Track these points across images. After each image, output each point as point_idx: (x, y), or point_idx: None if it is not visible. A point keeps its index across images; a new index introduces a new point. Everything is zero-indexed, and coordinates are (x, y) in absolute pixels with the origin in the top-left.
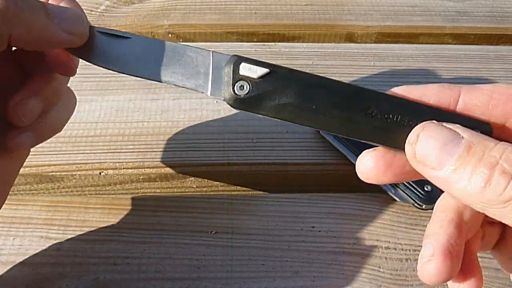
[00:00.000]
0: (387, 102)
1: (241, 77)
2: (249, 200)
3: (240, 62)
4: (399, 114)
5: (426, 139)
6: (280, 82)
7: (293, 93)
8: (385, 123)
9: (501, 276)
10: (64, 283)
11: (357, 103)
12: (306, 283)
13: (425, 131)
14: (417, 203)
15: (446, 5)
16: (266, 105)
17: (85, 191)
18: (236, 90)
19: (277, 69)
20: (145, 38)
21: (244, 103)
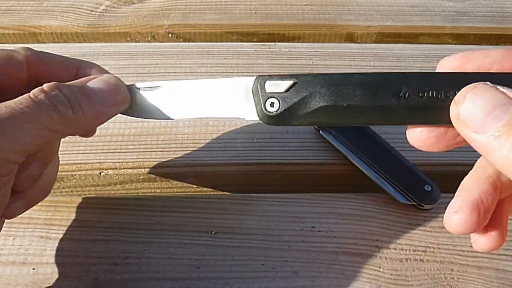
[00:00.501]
0: (418, 80)
1: (269, 95)
2: (249, 200)
3: (265, 81)
4: (434, 89)
5: (474, 99)
6: (306, 89)
7: (321, 97)
8: (421, 102)
9: (501, 276)
10: (64, 283)
11: (387, 89)
12: (306, 283)
13: (475, 91)
14: (417, 203)
15: (446, 5)
16: (298, 115)
17: (85, 191)
18: (267, 108)
19: (301, 78)
20: (174, 83)
21: (278, 119)
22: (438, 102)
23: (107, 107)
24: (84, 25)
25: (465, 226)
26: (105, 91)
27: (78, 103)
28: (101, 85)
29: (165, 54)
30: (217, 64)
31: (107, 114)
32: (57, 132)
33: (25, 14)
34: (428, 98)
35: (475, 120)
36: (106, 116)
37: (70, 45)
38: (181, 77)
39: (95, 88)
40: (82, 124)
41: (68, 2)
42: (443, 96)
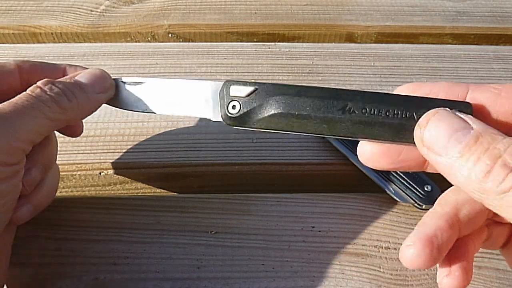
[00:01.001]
0: (362, 98)
1: (232, 98)
2: (249, 200)
3: (230, 85)
4: (375, 107)
5: (437, 124)
6: (265, 96)
7: (276, 105)
8: (363, 117)
9: (501, 276)
10: (64, 283)
11: (335, 103)
12: (306, 283)
13: (437, 117)
14: (417, 203)
15: (446, 5)
16: (255, 119)
17: (85, 191)
18: (229, 110)
19: (262, 85)
20: (156, 80)
21: (237, 120)
22: (378, 119)
23: (97, 93)
24: (84, 25)
25: (418, 261)
26: (93, 79)
27: (71, 92)
28: (89, 75)
29: (165, 54)
30: (217, 64)
31: (98, 100)
32: (56, 120)
33: (25, 14)
34: (370, 114)
35: (438, 143)
36: (97, 101)
37: (70, 45)
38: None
39: (84, 79)
40: (77, 110)
41: (68, 2)
42: (383, 113)
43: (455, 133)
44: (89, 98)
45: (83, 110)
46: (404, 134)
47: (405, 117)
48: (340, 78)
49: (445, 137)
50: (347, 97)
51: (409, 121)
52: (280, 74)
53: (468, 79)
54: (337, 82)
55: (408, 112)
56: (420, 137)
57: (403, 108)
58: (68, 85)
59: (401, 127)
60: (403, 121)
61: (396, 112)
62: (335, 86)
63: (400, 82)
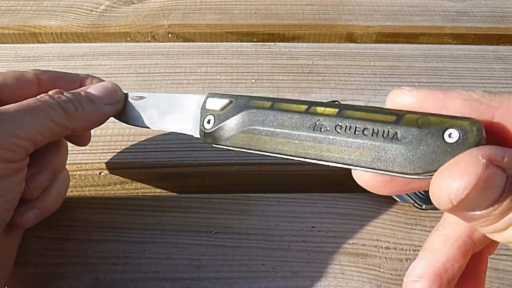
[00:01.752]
0: (339, 112)
1: (208, 112)
2: (249, 200)
3: (208, 98)
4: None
5: (477, 194)
6: (238, 110)
7: (246, 119)
8: (336, 136)
9: (501, 276)
10: (64, 283)
11: (306, 120)
12: (306, 283)
13: (480, 184)
14: (417, 203)
15: (446, 5)
16: (228, 135)
17: (85, 191)
18: (204, 125)
19: (237, 98)
20: (153, 95)
21: (211, 136)
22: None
23: (105, 105)
24: (84, 25)
25: None
26: (103, 92)
27: (79, 102)
28: (100, 87)
29: (165, 54)
30: (217, 64)
31: (105, 111)
32: (61, 126)
33: (25, 14)
34: (344, 132)
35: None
36: (104, 113)
37: (70, 45)
38: (181, 76)
39: (94, 90)
40: (83, 119)
41: (68, 2)
42: (362, 133)
43: (491, 196)
44: (97, 109)
45: (89, 120)
46: (384, 160)
47: (386, 137)
48: (340, 78)
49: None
50: (319, 111)
51: (391, 142)
52: (280, 74)
53: (468, 79)
54: (337, 82)
55: (390, 130)
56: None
57: (384, 124)
58: (76, 95)
59: (380, 149)
60: (383, 142)
61: (376, 130)
62: (335, 86)
63: (400, 82)
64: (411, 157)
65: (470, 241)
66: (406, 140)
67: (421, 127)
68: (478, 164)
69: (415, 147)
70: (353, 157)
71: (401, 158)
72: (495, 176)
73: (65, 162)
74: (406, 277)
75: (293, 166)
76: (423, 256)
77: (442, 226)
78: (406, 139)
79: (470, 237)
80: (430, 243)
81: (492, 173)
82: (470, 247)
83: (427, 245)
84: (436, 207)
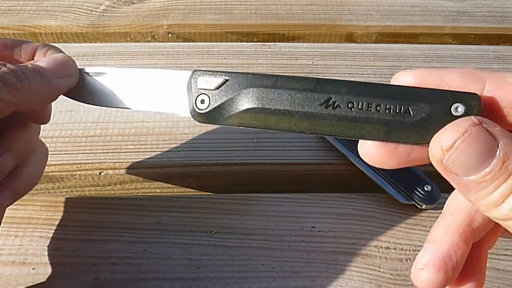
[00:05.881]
0: (349, 89)
1: (201, 91)
2: (249, 200)
3: (198, 76)
4: (363, 101)
5: (464, 149)
6: (237, 89)
7: (249, 98)
8: (349, 113)
9: (501, 276)
10: (64, 283)
11: (316, 96)
12: (306, 283)
13: (467, 138)
14: (417, 203)
15: (446, 5)
16: (226, 115)
17: (85, 191)
18: (197, 105)
19: (234, 76)
20: (120, 70)
21: (207, 117)
22: (367, 114)
23: (55, 78)
24: (84, 25)
25: (433, 284)
26: (53, 63)
27: (23, 73)
28: (50, 59)
29: (165, 54)
30: (217, 64)
31: (56, 85)
32: (6, 101)
33: (25, 14)
34: (357, 109)
35: (462, 167)
36: (55, 88)
37: (70, 45)
38: None
39: (43, 63)
40: (29, 93)
41: (68, 2)
42: (373, 108)
43: (482, 156)
44: (45, 82)
45: (37, 94)
46: (398, 133)
47: (398, 113)
48: (340, 78)
49: (471, 161)
50: (330, 88)
51: (404, 117)
52: (280, 74)
53: None
54: None
55: (403, 106)
56: (439, 159)
57: (396, 101)
58: (21, 67)
59: (394, 124)
60: (397, 117)
61: (389, 106)
62: None
63: None
64: (422, 130)
65: (470, 228)
66: (418, 115)
67: (431, 103)
68: (468, 120)
69: (427, 121)
70: (366, 132)
71: (414, 131)
72: (485, 137)
73: (34, 143)
74: (413, 267)
75: (293, 166)
76: (427, 246)
77: (443, 218)
78: (418, 114)
79: (470, 225)
80: (433, 235)
81: (481, 132)
82: (471, 234)
83: (430, 237)
84: (436, 207)
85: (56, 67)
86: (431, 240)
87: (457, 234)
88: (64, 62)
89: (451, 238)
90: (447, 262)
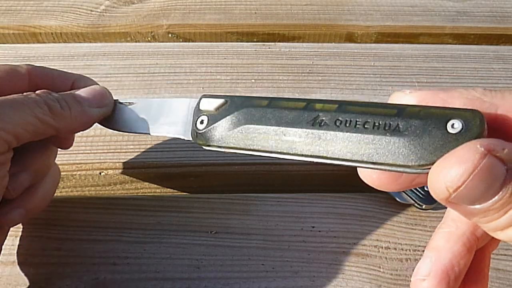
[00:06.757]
0: (338, 107)
1: (202, 112)
2: (249, 200)
3: (202, 99)
4: (352, 118)
5: (474, 185)
6: (234, 109)
7: (242, 117)
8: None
9: (501, 276)
10: (64, 283)
11: (305, 115)
12: (306, 283)
13: (477, 175)
14: (417, 203)
15: (446, 5)
16: (221, 135)
17: (85, 191)
18: (197, 125)
19: (233, 98)
20: (143, 100)
21: (204, 137)
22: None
23: (93, 108)
24: (84, 25)
25: None
26: (92, 94)
27: (65, 102)
28: (89, 90)
29: (165, 54)
30: (217, 64)
31: (92, 114)
32: (46, 124)
33: (25, 14)
34: (345, 127)
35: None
36: (91, 116)
37: (70, 45)
38: (181, 76)
39: (83, 92)
40: (69, 120)
41: (68, 2)
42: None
43: (491, 187)
44: (84, 111)
45: (75, 121)
46: (386, 153)
47: (387, 129)
48: (340, 78)
49: (479, 194)
50: (319, 107)
51: (394, 136)
52: (280, 74)
53: (468, 79)
54: (337, 82)
55: (391, 122)
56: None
57: (386, 117)
58: (64, 95)
59: (382, 142)
60: (385, 134)
61: (377, 123)
62: (335, 86)
63: (400, 82)
64: (413, 149)
65: (474, 237)
66: (409, 132)
67: (423, 119)
68: (475, 153)
69: (418, 139)
70: (354, 152)
71: (404, 150)
72: (494, 167)
73: (51, 164)
74: (414, 277)
75: (293, 166)
76: (428, 255)
77: (445, 224)
78: (409, 131)
79: (474, 233)
80: (435, 242)
81: (491, 163)
82: (474, 243)
83: (431, 244)
84: (436, 207)
85: (94, 98)
86: (433, 248)
87: (460, 243)
88: (102, 93)
89: (453, 247)
90: (450, 273)
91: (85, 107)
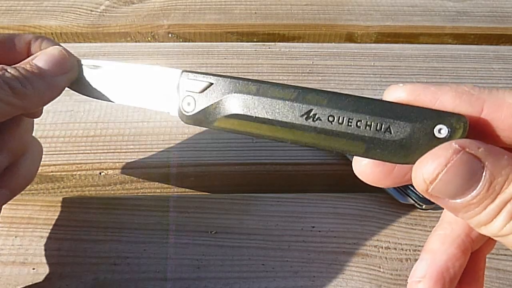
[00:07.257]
0: (330, 101)
1: (187, 93)
2: (249, 200)
3: (186, 78)
4: (343, 115)
5: (449, 178)
6: (221, 93)
7: (232, 104)
8: (329, 126)
9: (501, 276)
10: (64, 283)
11: (298, 107)
12: (306, 283)
13: (450, 169)
14: (417, 203)
15: (446, 5)
16: (211, 119)
17: (85, 191)
18: (184, 107)
19: (218, 80)
20: (115, 64)
21: (193, 119)
22: (347, 129)
23: (56, 77)
24: (84, 25)
25: None
26: (52, 62)
27: (26, 79)
28: (47, 58)
29: (165, 54)
30: (217, 64)
31: (58, 84)
32: (11, 105)
33: (25, 14)
34: (337, 124)
35: (448, 193)
36: (58, 86)
37: (70, 45)
38: None
39: (42, 62)
40: (35, 97)
41: (68, 2)
42: (353, 124)
43: (467, 181)
44: (48, 84)
45: (42, 96)
46: (377, 150)
47: (379, 131)
48: (340, 78)
49: (456, 188)
50: (312, 99)
51: (385, 136)
52: (280, 74)
53: (468, 79)
54: (337, 82)
55: (384, 124)
56: (423, 190)
57: (378, 118)
58: (23, 71)
59: (374, 142)
60: (377, 135)
61: (369, 123)
62: (335, 86)
63: (400, 82)
64: (403, 150)
65: (469, 239)
66: (399, 134)
67: (413, 122)
68: (450, 149)
69: (407, 141)
70: (346, 147)
71: (394, 150)
72: (468, 162)
73: (27, 141)
74: (410, 279)
75: (293, 166)
76: (424, 257)
77: (440, 227)
78: (399, 133)
79: (469, 235)
80: (430, 244)
81: (465, 158)
82: (469, 245)
83: (427, 246)
84: (436, 207)
85: (55, 65)
86: (428, 250)
87: (455, 245)
88: (62, 58)
89: (448, 249)
90: (445, 275)
91: (48, 79)
